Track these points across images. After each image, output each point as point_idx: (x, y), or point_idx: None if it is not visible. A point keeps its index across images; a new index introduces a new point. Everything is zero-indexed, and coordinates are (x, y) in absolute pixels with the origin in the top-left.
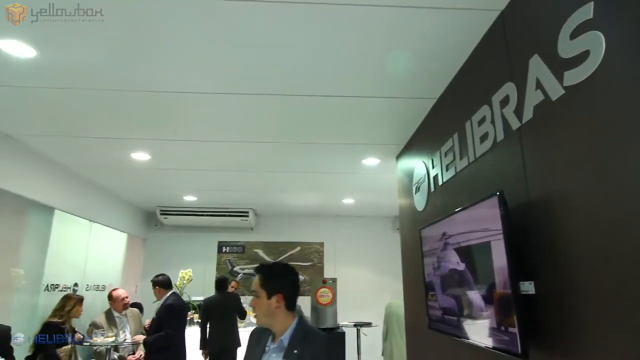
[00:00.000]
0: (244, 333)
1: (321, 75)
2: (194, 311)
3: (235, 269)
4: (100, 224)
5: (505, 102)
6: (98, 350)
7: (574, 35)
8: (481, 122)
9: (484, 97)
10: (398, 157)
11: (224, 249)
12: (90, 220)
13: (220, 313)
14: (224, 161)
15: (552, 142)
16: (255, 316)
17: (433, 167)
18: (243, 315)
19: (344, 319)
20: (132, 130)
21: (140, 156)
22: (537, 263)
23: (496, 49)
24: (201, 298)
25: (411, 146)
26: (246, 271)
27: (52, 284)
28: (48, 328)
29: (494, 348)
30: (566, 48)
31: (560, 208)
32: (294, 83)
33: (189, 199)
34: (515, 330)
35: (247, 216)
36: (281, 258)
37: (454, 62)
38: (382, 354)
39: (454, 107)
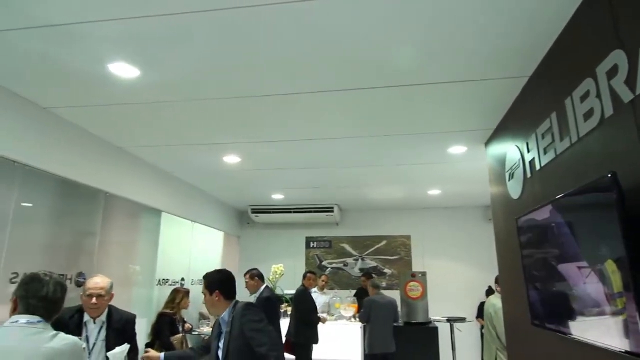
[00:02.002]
0: (327, 327)
1: (405, 65)
2: (287, 304)
3: (323, 263)
4: (201, 224)
5: (613, 72)
6: (205, 339)
7: None
8: (584, 97)
9: (587, 69)
10: (487, 143)
11: (311, 245)
12: (192, 221)
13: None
14: (308, 159)
15: None
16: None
17: (528, 152)
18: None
19: (436, 313)
20: (223, 135)
21: (232, 159)
22: None
23: (599, 15)
24: (293, 292)
25: (502, 131)
26: (334, 266)
27: (163, 279)
28: (162, 318)
29: (628, 352)
30: None
31: None
32: (377, 76)
33: (277, 197)
34: None
35: (332, 212)
36: (367, 252)
37: (549, 34)
38: None
39: (550, 84)
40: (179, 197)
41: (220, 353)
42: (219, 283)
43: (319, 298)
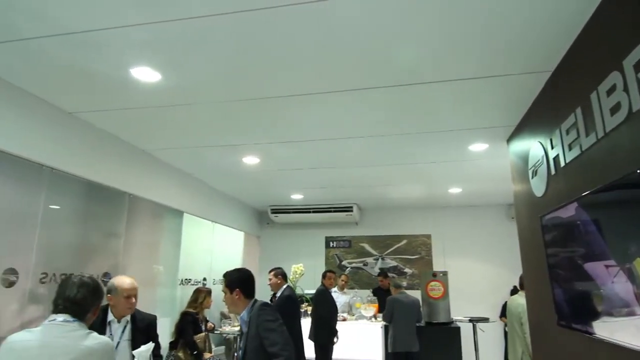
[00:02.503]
0: (348, 327)
1: (423, 62)
2: (307, 303)
3: (343, 263)
4: (221, 224)
5: None
6: (227, 338)
7: None
8: (611, 91)
9: (613, 62)
10: (509, 140)
11: (331, 244)
12: (213, 221)
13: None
14: (327, 159)
15: None
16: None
17: (552, 148)
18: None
19: (459, 313)
20: (242, 136)
21: (251, 160)
22: None
23: (625, 5)
24: (313, 291)
25: (524, 127)
26: (354, 265)
27: (186, 279)
28: (185, 317)
29: None
30: None
31: None
32: (395, 73)
33: (296, 197)
34: None
35: (351, 211)
36: (387, 251)
37: (572, 26)
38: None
39: (574, 78)
40: (200, 198)
41: (241, 353)
42: (239, 281)
43: (339, 298)
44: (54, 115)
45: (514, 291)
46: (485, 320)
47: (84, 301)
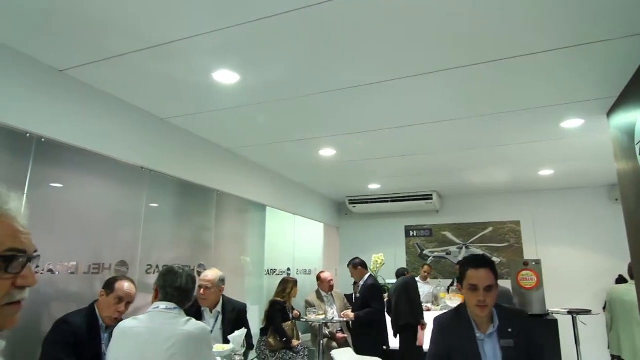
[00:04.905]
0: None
1: (507, 33)
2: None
3: (424, 252)
4: (301, 216)
5: None
6: (312, 325)
7: None
8: None
9: None
10: (609, 113)
11: (411, 233)
12: (293, 214)
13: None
14: (404, 146)
15: None
16: (483, 307)
17: None
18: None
19: (555, 305)
20: (318, 129)
21: (327, 152)
22: None
23: None
24: (394, 281)
25: (627, 97)
26: (436, 254)
27: (271, 269)
28: (274, 305)
29: None
30: None
31: None
32: (475, 51)
33: (373, 187)
34: None
35: (431, 199)
36: (472, 240)
37: None
38: (609, 347)
39: None
40: (281, 192)
41: None
42: None
43: (422, 288)
44: (150, 122)
45: (619, 280)
46: (587, 312)
47: (192, 291)
